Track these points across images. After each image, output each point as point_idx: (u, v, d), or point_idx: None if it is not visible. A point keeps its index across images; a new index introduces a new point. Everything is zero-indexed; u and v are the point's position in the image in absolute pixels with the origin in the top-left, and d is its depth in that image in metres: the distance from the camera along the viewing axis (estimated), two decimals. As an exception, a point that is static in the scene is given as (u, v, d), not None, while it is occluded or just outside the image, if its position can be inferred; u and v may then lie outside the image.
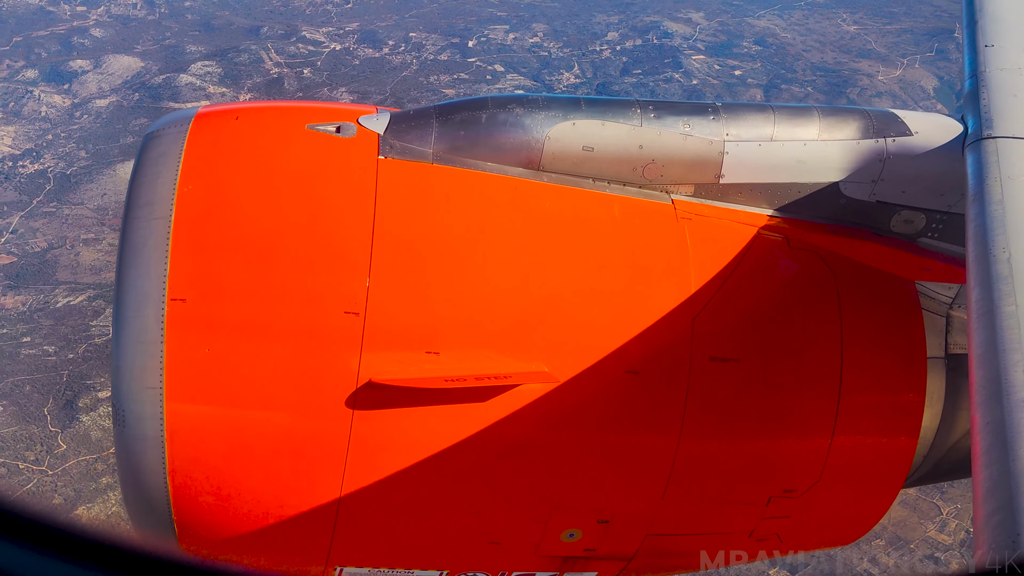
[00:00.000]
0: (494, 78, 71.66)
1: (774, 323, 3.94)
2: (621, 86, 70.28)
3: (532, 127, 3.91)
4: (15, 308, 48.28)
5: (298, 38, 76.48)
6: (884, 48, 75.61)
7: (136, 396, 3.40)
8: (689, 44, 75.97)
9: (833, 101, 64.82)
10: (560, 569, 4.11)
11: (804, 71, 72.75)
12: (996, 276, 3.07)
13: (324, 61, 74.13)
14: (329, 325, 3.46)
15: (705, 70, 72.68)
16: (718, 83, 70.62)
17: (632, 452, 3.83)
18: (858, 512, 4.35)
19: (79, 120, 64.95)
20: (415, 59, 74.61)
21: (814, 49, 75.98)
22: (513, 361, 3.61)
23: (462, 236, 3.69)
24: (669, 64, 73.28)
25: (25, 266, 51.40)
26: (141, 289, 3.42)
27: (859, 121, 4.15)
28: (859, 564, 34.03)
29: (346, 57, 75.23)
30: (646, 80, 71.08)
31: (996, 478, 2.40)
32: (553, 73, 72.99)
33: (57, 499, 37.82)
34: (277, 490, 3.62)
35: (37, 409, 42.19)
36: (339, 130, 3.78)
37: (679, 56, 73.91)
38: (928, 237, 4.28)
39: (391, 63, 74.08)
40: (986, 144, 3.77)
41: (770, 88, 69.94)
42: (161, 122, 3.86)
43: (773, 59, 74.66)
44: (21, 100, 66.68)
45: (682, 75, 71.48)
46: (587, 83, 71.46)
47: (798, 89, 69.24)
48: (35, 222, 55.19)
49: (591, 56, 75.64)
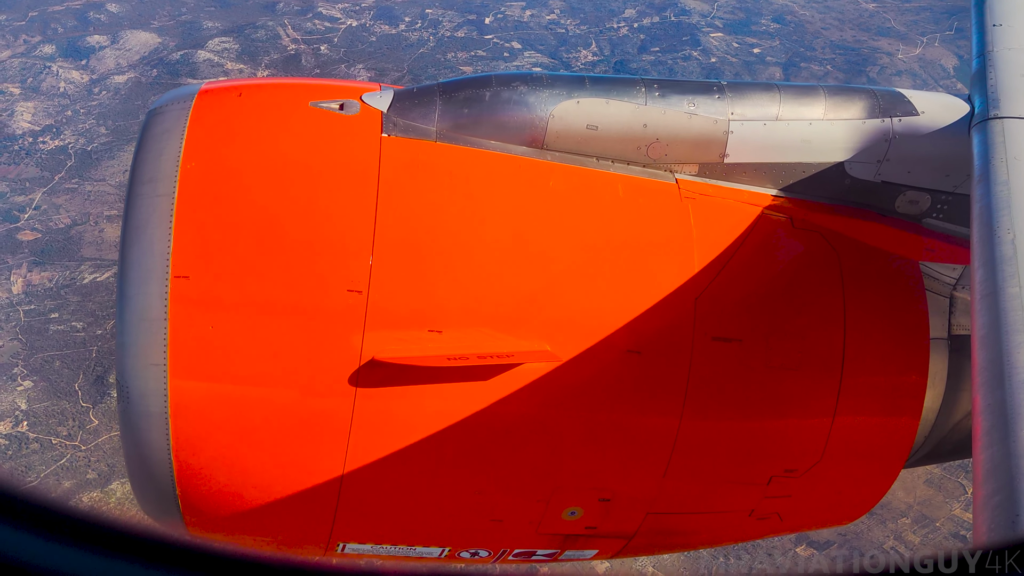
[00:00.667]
0: (512, 55, 71.24)
1: (777, 303, 3.93)
2: (639, 64, 69.84)
3: (536, 105, 3.88)
4: (42, 284, 48.54)
5: (314, 14, 76.05)
6: (903, 26, 74.95)
7: (140, 373, 3.40)
8: (707, 21, 75.35)
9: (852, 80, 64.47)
10: (561, 546, 4.14)
11: (823, 49, 72.20)
12: (1000, 257, 3.05)
13: (341, 38, 73.74)
14: (332, 303, 3.46)
15: (724, 48, 72.16)
16: (737, 61, 70.15)
17: (634, 431, 3.83)
18: (859, 492, 4.36)
19: (98, 96, 64.82)
20: (432, 36, 74.19)
21: (833, 27, 75.35)
22: (515, 340, 3.60)
23: (465, 215, 3.68)
24: (687, 42, 72.73)
25: (50, 242, 51.58)
26: (144, 266, 3.41)
27: (865, 101, 4.11)
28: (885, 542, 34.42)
29: (363, 33, 74.82)
30: (664, 58, 70.61)
31: (996, 459, 2.39)
32: (571, 51, 72.51)
33: (91, 474, 38.35)
34: (280, 467, 3.63)
35: (68, 385, 42.59)
36: (342, 108, 3.76)
37: (697, 34, 73.34)
38: (933, 218, 4.25)
39: (408, 40, 73.68)
40: (992, 124, 3.73)
41: (789, 66, 69.48)
42: (164, 98, 3.83)
43: (792, 37, 74.05)
44: (39, 76, 66.51)
45: (700, 53, 70.97)
46: (605, 61, 71.04)
47: (817, 67, 68.77)
48: (58, 198, 55.29)
49: (608, 33, 75.10)
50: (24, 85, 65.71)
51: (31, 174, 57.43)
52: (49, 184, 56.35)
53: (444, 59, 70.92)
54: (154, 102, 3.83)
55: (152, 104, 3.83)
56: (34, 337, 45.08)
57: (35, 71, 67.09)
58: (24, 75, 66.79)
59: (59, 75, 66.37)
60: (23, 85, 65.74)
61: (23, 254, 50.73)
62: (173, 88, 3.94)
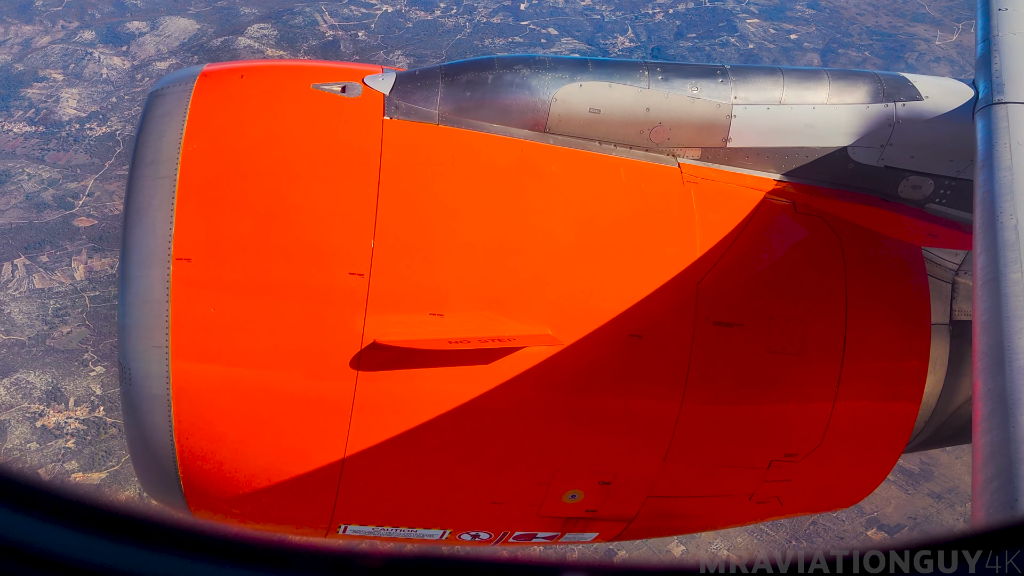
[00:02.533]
0: (549, 41, 71.31)
1: (779, 288, 3.92)
2: (677, 50, 69.92)
3: (538, 89, 3.86)
4: (103, 270, 48.95)
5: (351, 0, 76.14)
6: (938, 12, 74.91)
7: (142, 355, 3.41)
8: (742, 7, 75.33)
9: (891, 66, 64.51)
10: (561, 529, 4.13)
11: (860, 35, 72.25)
12: (1003, 243, 3.05)
13: (377, 24, 73.78)
14: (334, 286, 3.46)
15: (760, 34, 72.23)
16: (774, 47, 70.21)
17: (634, 415, 3.83)
18: (859, 476, 4.37)
19: (141, 83, 64.90)
20: (468, 22, 74.22)
21: (868, 13, 75.37)
22: (517, 323, 3.59)
23: (467, 198, 3.67)
24: (724, 28, 72.77)
25: (107, 228, 51.89)
26: (147, 248, 3.41)
27: (869, 85, 4.09)
28: (955, 525, 34.98)
29: (399, 20, 74.84)
30: (701, 44, 70.68)
31: (996, 444, 2.39)
32: (607, 37, 72.57)
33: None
34: (282, 449, 3.64)
35: (139, 370, 42.97)
36: (344, 90, 3.75)
37: (733, 19, 73.37)
38: (936, 203, 4.22)
39: (444, 26, 73.73)
40: (997, 109, 3.71)
41: (827, 52, 69.58)
42: (166, 80, 3.82)
43: (828, 23, 74.09)
44: (81, 62, 66.65)
45: (738, 39, 71.03)
46: (642, 47, 71.11)
47: (855, 54, 68.88)
48: (110, 185, 55.57)
49: (644, 20, 75.10)
50: (67, 71, 65.85)
51: (81, 160, 57.71)
52: (100, 171, 56.66)
53: (482, 45, 70.96)
54: (155, 84, 3.83)
55: (154, 86, 3.82)
56: (101, 323, 45.51)
57: (76, 57, 67.21)
58: (66, 61, 66.91)
59: (101, 61, 66.49)
60: (66, 71, 65.89)
61: (81, 240, 51.13)
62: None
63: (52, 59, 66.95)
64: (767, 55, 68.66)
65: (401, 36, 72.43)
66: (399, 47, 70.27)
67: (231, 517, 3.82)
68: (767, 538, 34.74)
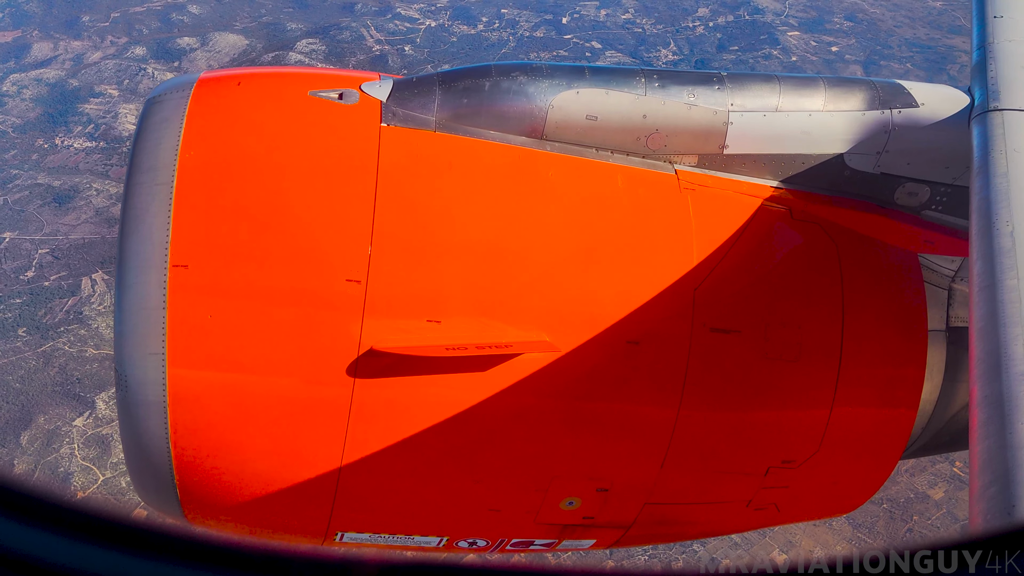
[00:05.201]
0: (593, 55, 72.20)
1: (776, 295, 3.94)
2: (720, 63, 70.79)
3: (536, 95, 3.85)
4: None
5: (393, 15, 77.08)
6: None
7: (138, 361, 3.39)
8: (782, 20, 76.39)
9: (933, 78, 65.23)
10: (559, 536, 4.14)
11: (900, 47, 73.26)
12: (999, 249, 3.04)
13: (423, 38, 74.77)
14: (331, 293, 3.46)
15: (802, 46, 73.21)
16: (817, 60, 71.14)
17: (632, 422, 3.84)
18: (856, 483, 4.38)
19: (196, 98, 65.69)
20: (511, 36, 75.20)
21: (905, 25, 76.39)
22: (514, 330, 3.60)
23: (464, 205, 3.67)
24: (766, 40, 73.77)
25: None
26: (143, 255, 3.42)
27: (865, 92, 4.12)
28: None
29: (442, 34, 75.85)
30: (745, 57, 71.61)
31: (993, 450, 2.40)
32: (650, 50, 73.52)
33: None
34: (279, 456, 3.63)
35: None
36: (341, 97, 3.75)
37: (774, 32, 74.38)
38: (932, 210, 4.24)
39: (488, 40, 74.69)
40: (992, 116, 3.73)
41: (869, 64, 70.53)
42: (163, 87, 3.82)
43: (867, 35, 75.12)
44: (136, 77, 67.50)
45: (780, 51, 72.01)
46: (685, 60, 72.03)
47: (897, 66, 69.79)
48: (175, 200, 56.22)
49: (685, 32, 76.11)
50: (122, 87, 66.71)
51: (144, 175, 58.29)
52: (165, 185, 57.25)
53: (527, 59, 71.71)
54: (153, 90, 3.82)
55: (151, 92, 3.81)
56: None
57: (130, 73, 68.10)
58: (120, 77, 67.79)
59: (154, 76, 67.27)
60: (120, 87, 66.76)
61: (154, 255, 51.69)
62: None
63: (106, 75, 67.82)
64: (810, 67, 69.51)
65: (447, 50, 73.33)
66: (445, 60, 71.05)
67: (227, 524, 3.82)
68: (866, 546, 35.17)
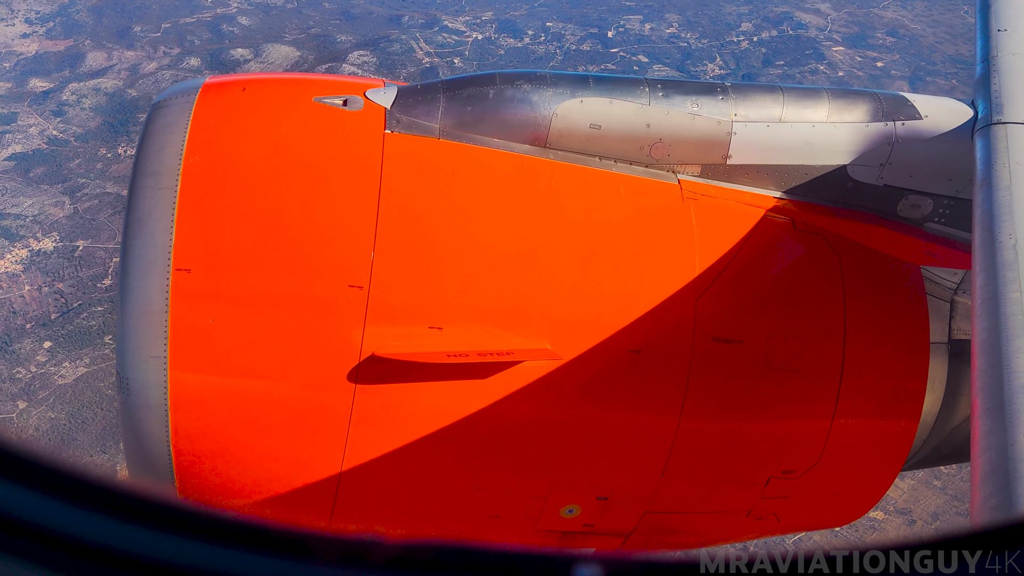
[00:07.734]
0: (641, 69, 72.90)
1: (778, 305, 3.95)
2: (768, 77, 71.44)
3: (539, 104, 3.86)
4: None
5: (440, 27, 77.86)
6: (1014, 40, 76.74)
7: (140, 365, 3.41)
8: (825, 35, 77.10)
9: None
10: (558, 543, 4.13)
11: (943, 63, 73.99)
12: (1001, 262, 3.05)
13: (471, 51, 75.52)
14: (333, 298, 3.47)
15: (848, 61, 73.92)
16: (863, 75, 71.83)
17: (633, 430, 3.85)
18: (856, 494, 4.38)
19: (253, 109, 66.42)
20: (558, 49, 75.95)
21: (946, 41, 77.08)
22: (516, 337, 3.60)
23: (467, 212, 3.69)
24: (811, 55, 74.47)
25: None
26: (146, 259, 3.43)
27: (868, 104, 4.12)
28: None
29: (490, 47, 76.60)
30: (791, 71, 72.27)
31: (995, 462, 2.40)
32: (696, 64, 74.22)
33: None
34: (279, 460, 3.65)
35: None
36: (346, 103, 3.77)
37: (819, 47, 75.11)
38: (934, 222, 4.26)
39: (535, 53, 75.41)
40: (996, 130, 3.74)
41: (914, 80, 71.19)
42: (168, 92, 3.85)
43: (910, 51, 75.80)
44: (192, 88, 68.11)
45: (826, 67, 72.73)
46: (732, 74, 72.74)
47: (943, 82, 70.42)
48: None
49: (730, 47, 76.84)
50: (179, 98, 67.23)
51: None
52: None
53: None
54: (158, 95, 3.86)
55: (156, 97, 3.84)
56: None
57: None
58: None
59: (211, 88, 67.86)
60: (178, 98, 67.27)
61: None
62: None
63: (164, 85, 68.28)
64: (856, 82, 70.23)
65: (495, 63, 74.08)
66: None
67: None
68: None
